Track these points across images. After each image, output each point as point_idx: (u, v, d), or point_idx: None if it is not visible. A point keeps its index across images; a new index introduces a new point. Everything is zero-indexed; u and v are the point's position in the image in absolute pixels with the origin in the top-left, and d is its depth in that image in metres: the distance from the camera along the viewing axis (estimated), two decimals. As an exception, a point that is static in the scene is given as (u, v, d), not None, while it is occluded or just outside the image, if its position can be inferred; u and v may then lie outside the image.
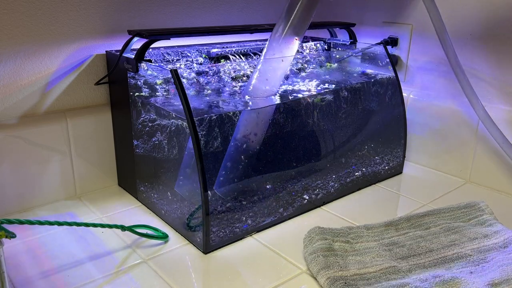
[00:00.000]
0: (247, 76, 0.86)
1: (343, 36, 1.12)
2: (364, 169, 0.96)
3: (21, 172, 0.81)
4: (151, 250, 0.71)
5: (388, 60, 1.01)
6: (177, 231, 0.77)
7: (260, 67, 0.82)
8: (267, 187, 0.81)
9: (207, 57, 0.92)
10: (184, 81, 0.80)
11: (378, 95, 0.99)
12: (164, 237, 0.74)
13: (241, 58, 0.95)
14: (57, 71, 0.84)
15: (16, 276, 0.64)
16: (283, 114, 0.82)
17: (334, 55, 1.07)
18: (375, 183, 0.98)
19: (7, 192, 0.80)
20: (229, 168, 0.78)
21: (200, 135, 0.69)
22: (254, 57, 0.97)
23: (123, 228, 0.71)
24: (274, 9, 1.15)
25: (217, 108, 0.76)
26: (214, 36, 1.01)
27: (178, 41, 0.96)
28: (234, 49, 0.95)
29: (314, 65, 1.01)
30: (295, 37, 0.81)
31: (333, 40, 1.11)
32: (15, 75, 0.80)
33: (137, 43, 0.80)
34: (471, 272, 0.63)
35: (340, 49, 1.10)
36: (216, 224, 0.72)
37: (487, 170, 0.96)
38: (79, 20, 0.84)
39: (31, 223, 0.59)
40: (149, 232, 0.75)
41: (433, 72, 1.04)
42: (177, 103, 0.75)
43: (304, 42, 1.08)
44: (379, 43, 1.07)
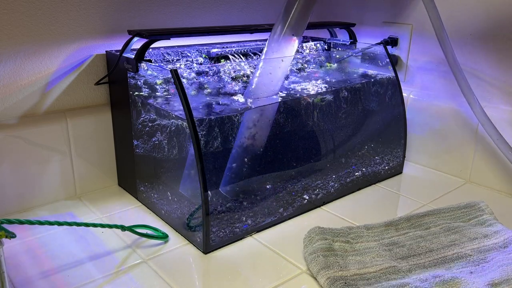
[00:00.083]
0: (247, 76, 0.86)
1: (343, 36, 1.12)
2: (364, 169, 0.96)
3: (21, 172, 0.81)
4: (151, 250, 0.71)
5: (388, 60, 1.01)
6: (177, 231, 0.77)
7: (260, 67, 0.82)
8: (267, 187, 0.81)
9: (207, 57, 0.92)
10: (184, 81, 0.80)
11: (378, 95, 0.99)
12: (164, 237, 0.74)
13: (241, 58, 0.95)
14: (57, 71, 0.84)
15: (16, 276, 0.64)
16: (283, 114, 0.82)
17: (334, 55, 1.07)
18: (375, 183, 0.98)
19: (7, 192, 0.80)
20: (234, 168, 0.78)
21: (200, 135, 0.69)
22: (254, 57, 0.97)
23: (123, 228, 0.71)
24: (274, 9, 1.15)
25: (217, 109, 0.76)
26: (214, 36, 1.01)
27: (178, 41, 0.96)
28: (234, 49, 0.95)
29: (314, 65, 1.01)
30: (294, 37, 0.81)
31: (333, 40, 1.11)
32: (15, 75, 0.80)
33: (137, 43, 0.80)
34: (471, 272, 0.63)
35: (340, 49, 1.10)
36: (216, 224, 0.72)
37: (487, 170, 0.96)
38: (79, 20, 0.84)
39: (31, 223, 0.59)
40: (149, 232, 0.75)
41: (433, 72, 1.04)
42: (177, 103, 0.75)
43: (304, 42, 1.08)
44: (379, 43, 1.07)
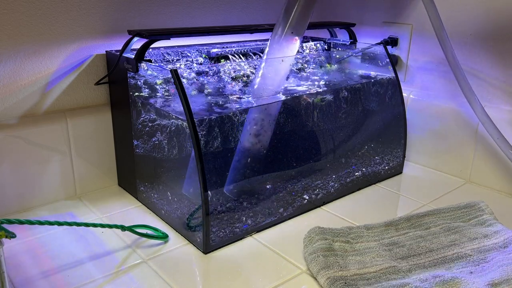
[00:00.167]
0: (247, 76, 0.86)
1: (343, 36, 1.12)
2: (364, 169, 0.96)
3: (21, 172, 0.81)
4: (151, 250, 0.71)
5: (388, 60, 1.01)
6: (177, 231, 0.77)
7: (262, 67, 0.82)
8: (267, 187, 0.81)
9: (207, 57, 0.92)
10: (184, 81, 0.80)
11: (378, 95, 0.99)
12: (164, 237, 0.74)
13: (241, 58, 0.95)
14: (57, 71, 0.84)
15: (16, 276, 0.64)
16: (283, 114, 0.82)
17: (334, 55, 1.07)
18: (375, 183, 0.98)
19: (7, 192, 0.80)
20: (239, 168, 0.78)
21: (200, 135, 0.69)
22: (254, 57, 0.97)
23: (123, 228, 0.71)
24: (274, 9, 1.15)
25: (217, 109, 0.76)
26: (214, 36, 1.01)
27: (178, 41, 0.96)
28: (234, 49, 0.95)
29: (314, 65, 1.01)
30: (295, 37, 0.81)
31: (333, 40, 1.11)
32: (15, 75, 0.80)
33: (137, 43, 0.80)
34: (471, 272, 0.63)
35: (340, 49, 1.10)
36: (216, 224, 0.72)
37: (487, 170, 0.96)
38: (79, 20, 0.84)
39: (31, 223, 0.59)
40: (149, 232, 0.75)
41: (433, 72, 1.04)
42: (177, 103, 0.75)
43: (304, 42, 1.08)
44: (379, 43, 1.07)
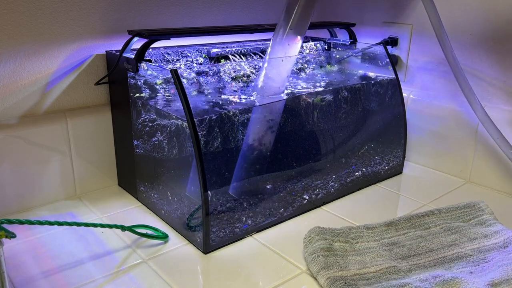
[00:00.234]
0: (247, 76, 0.86)
1: (343, 36, 1.12)
2: (364, 169, 0.96)
3: (21, 172, 0.81)
4: (151, 250, 0.71)
5: (388, 60, 1.01)
6: (177, 231, 0.77)
7: (265, 67, 0.82)
8: (267, 187, 0.81)
9: (207, 57, 0.92)
10: (184, 81, 0.80)
11: (378, 95, 0.99)
12: (164, 237, 0.74)
13: (241, 58, 0.95)
14: (57, 71, 0.84)
15: (16, 276, 0.64)
16: (284, 114, 0.82)
17: (334, 55, 1.07)
18: (375, 183, 0.98)
19: (7, 192, 0.80)
20: (244, 168, 0.78)
21: (200, 135, 0.69)
22: (254, 57, 0.97)
23: (123, 228, 0.71)
24: (274, 9, 1.15)
25: (217, 109, 0.76)
26: (214, 36, 1.01)
27: (178, 41, 0.96)
28: (234, 49, 0.95)
29: (314, 65, 1.01)
30: (297, 37, 0.81)
31: (333, 40, 1.11)
32: (15, 75, 0.80)
33: (137, 43, 0.80)
34: (471, 272, 0.63)
35: (340, 49, 1.10)
36: (216, 224, 0.72)
37: (487, 170, 0.96)
38: (79, 20, 0.84)
39: (31, 223, 0.59)
40: (149, 232, 0.75)
41: (433, 72, 1.04)
42: (177, 103, 0.75)
43: (304, 42, 1.08)
44: (379, 43, 1.07)
